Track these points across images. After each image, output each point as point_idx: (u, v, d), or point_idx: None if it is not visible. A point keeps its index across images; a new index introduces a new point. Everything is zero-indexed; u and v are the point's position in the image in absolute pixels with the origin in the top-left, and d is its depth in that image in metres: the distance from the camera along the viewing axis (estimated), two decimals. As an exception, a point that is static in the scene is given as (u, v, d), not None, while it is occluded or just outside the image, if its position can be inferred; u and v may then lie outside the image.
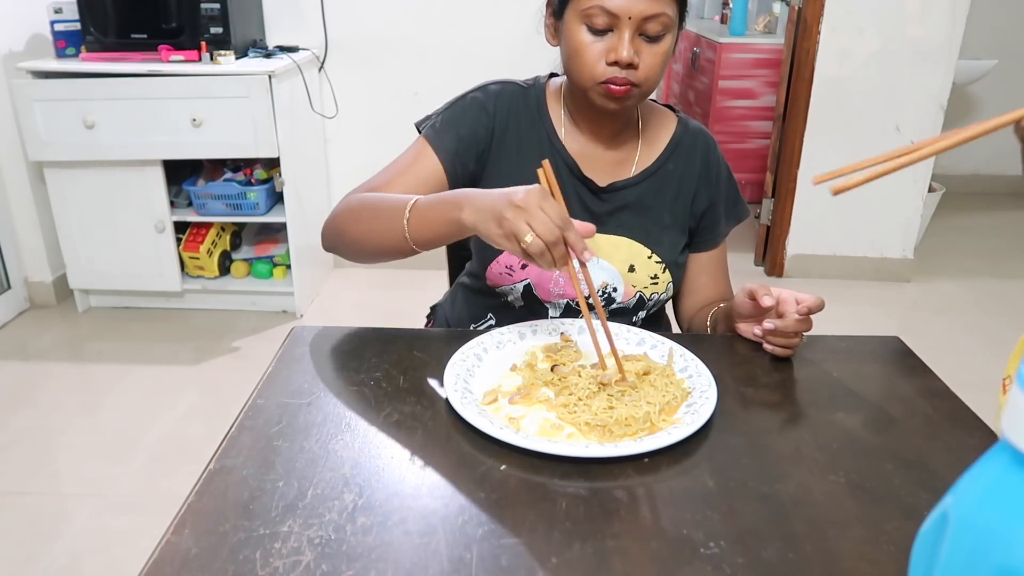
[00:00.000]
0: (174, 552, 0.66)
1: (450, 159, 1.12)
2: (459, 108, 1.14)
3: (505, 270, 1.15)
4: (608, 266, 1.15)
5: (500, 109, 1.14)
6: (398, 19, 2.96)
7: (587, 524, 0.70)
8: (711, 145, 1.21)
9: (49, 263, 2.86)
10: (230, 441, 0.81)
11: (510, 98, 1.15)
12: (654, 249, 1.16)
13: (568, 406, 0.86)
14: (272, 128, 2.52)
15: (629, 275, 1.15)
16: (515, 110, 1.15)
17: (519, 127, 1.15)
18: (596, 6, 1.00)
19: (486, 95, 1.15)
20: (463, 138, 1.13)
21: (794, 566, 0.66)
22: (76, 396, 2.38)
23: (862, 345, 1.07)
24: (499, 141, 1.14)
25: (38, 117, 2.50)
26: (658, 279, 1.16)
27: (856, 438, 0.85)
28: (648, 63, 1.03)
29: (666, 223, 1.18)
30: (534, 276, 1.14)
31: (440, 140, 1.13)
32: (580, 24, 1.02)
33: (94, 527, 1.79)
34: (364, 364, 0.97)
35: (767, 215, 3.32)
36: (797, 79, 3.07)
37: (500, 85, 1.17)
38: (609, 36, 1.02)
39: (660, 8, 1.00)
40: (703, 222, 1.21)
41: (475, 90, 1.16)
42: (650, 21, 1.00)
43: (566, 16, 1.05)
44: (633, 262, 1.15)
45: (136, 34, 2.57)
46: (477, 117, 1.13)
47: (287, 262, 2.83)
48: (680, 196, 1.18)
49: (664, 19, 1.01)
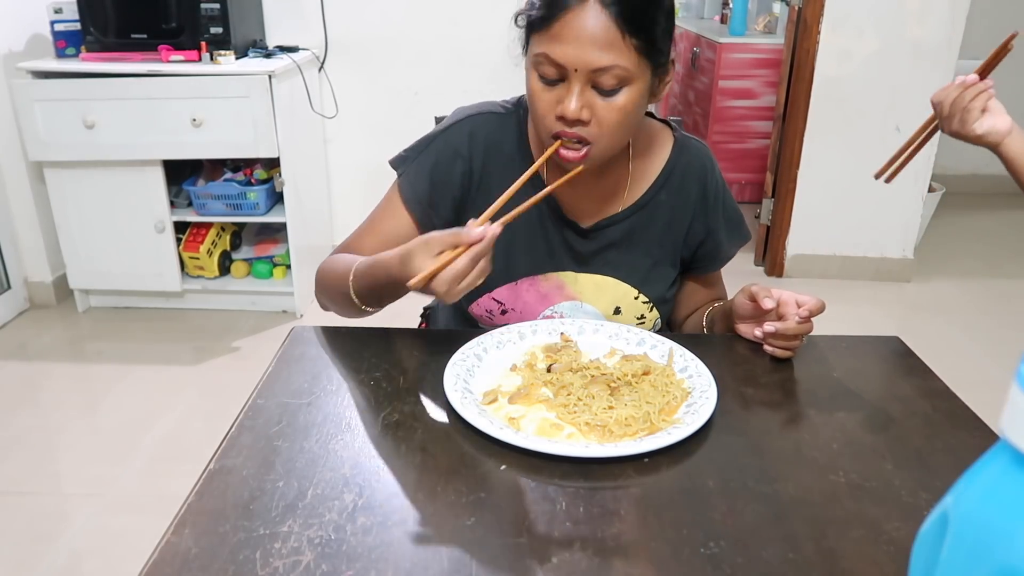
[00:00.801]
0: (174, 552, 0.66)
1: (423, 211, 1.08)
2: (432, 153, 1.08)
3: (485, 313, 1.12)
4: (592, 310, 1.11)
5: (476, 152, 1.07)
6: (398, 19, 2.96)
7: (587, 524, 0.70)
8: (708, 168, 1.12)
9: (49, 263, 2.86)
10: (230, 441, 0.81)
11: (485, 133, 1.08)
12: (641, 288, 1.11)
13: (568, 406, 0.86)
14: (272, 128, 2.52)
15: (614, 317, 1.11)
16: (492, 147, 1.08)
17: (497, 164, 1.08)
18: (543, 54, 0.92)
19: (459, 135, 1.08)
20: (436, 184, 1.08)
21: (794, 566, 0.66)
22: (76, 396, 2.38)
23: (862, 345, 1.07)
24: (477, 184, 1.08)
25: (38, 117, 2.50)
26: (645, 319, 1.13)
27: (856, 438, 0.85)
28: (602, 118, 0.93)
29: (655, 258, 1.12)
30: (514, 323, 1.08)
31: (413, 191, 1.08)
32: (533, 71, 0.95)
33: (94, 527, 1.79)
34: (364, 364, 0.97)
35: (767, 215, 3.32)
36: (797, 79, 3.07)
37: (471, 120, 1.09)
38: (560, 87, 0.94)
39: (611, 60, 0.90)
40: (702, 250, 1.16)
41: (447, 128, 1.09)
42: (601, 74, 0.91)
43: (526, 60, 0.99)
44: (619, 303, 1.11)
45: (136, 34, 2.57)
46: (451, 163, 1.07)
47: (287, 262, 2.83)
48: (672, 227, 1.12)
49: (618, 72, 0.91)
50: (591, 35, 0.89)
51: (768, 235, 3.33)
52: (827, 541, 0.68)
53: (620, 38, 0.90)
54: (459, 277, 0.84)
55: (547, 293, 1.11)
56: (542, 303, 1.11)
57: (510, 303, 1.11)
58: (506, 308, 1.11)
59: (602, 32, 0.89)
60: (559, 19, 0.90)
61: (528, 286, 1.11)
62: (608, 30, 0.89)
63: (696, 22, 4.77)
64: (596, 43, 0.90)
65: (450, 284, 0.84)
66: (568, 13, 0.90)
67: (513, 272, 1.10)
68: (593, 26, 0.89)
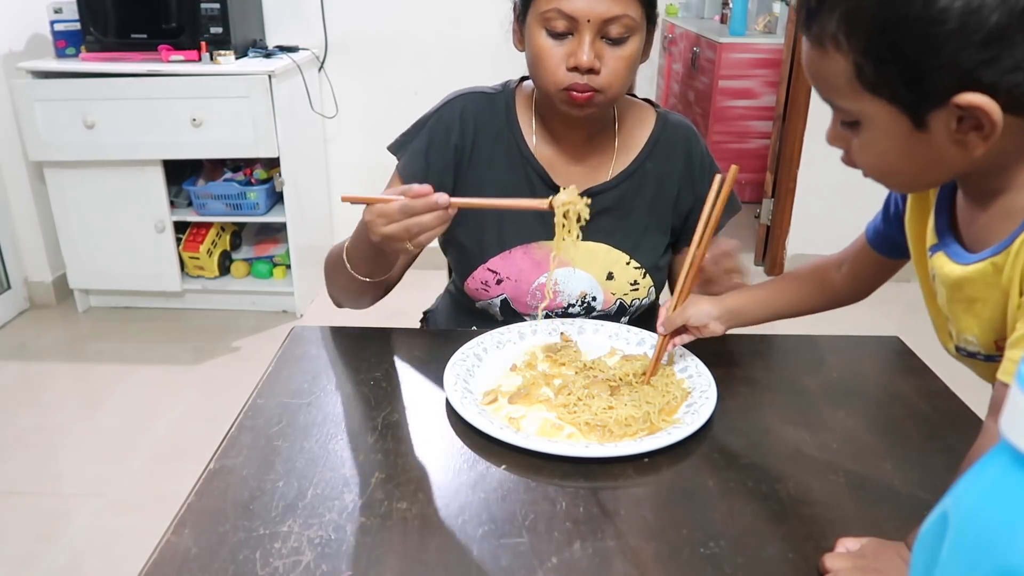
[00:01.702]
0: (174, 552, 0.66)
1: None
2: (426, 132, 1.12)
3: (481, 285, 1.13)
4: (585, 275, 1.12)
5: (466, 125, 1.11)
6: (398, 19, 2.96)
7: (587, 524, 0.70)
8: (692, 139, 1.16)
9: (49, 263, 2.86)
10: (230, 441, 0.81)
11: (475, 110, 1.12)
12: (633, 255, 1.13)
13: (568, 406, 0.86)
14: (272, 128, 2.52)
15: (608, 283, 1.13)
16: (482, 122, 1.12)
17: (487, 139, 1.12)
18: (553, 8, 0.96)
19: (451, 112, 1.12)
20: (432, 162, 1.11)
21: (794, 566, 0.66)
22: (76, 396, 2.38)
23: (862, 345, 1.07)
24: (468, 157, 1.12)
25: (38, 117, 2.50)
26: (638, 285, 1.14)
27: (856, 438, 0.85)
28: (611, 67, 0.98)
29: (646, 225, 1.14)
30: (510, 291, 1.12)
31: (410, 171, 1.11)
32: (540, 28, 0.99)
33: (94, 527, 1.79)
34: (364, 364, 0.97)
35: (767, 215, 3.31)
36: (797, 79, 3.07)
37: (463, 98, 1.13)
38: (569, 40, 0.98)
39: (621, 9, 0.96)
40: (693, 218, 1.15)
41: (439, 108, 1.13)
42: (611, 23, 0.96)
43: (528, 20, 1.02)
44: (611, 269, 1.13)
45: (136, 34, 2.57)
46: (444, 138, 1.11)
47: (287, 262, 2.83)
48: (661, 196, 1.15)
49: (627, 21, 0.97)
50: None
51: (768, 235, 3.33)
52: (827, 541, 0.68)
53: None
54: (384, 215, 0.87)
55: (540, 260, 1.12)
56: (536, 270, 1.12)
57: (504, 272, 1.12)
58: (501, 277, 1.12)
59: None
60: None
61: (522, 254, 1.12)
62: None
63: (696, 22, 4.77)
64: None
65: (374, 216, 0.88)
66: None
67: (506, 241, 1.12)
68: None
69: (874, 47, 0.61)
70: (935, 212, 0.77)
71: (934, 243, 0.76)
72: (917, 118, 0.63)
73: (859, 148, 0.69)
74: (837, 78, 0.65)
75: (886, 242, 0.89)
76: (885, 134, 0.65)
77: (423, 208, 0.86)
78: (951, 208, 0.76)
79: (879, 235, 0.89)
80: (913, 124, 0.63)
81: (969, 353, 0.78)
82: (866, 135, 0.67)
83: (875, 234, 0.90)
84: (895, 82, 0.62)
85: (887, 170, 0.70)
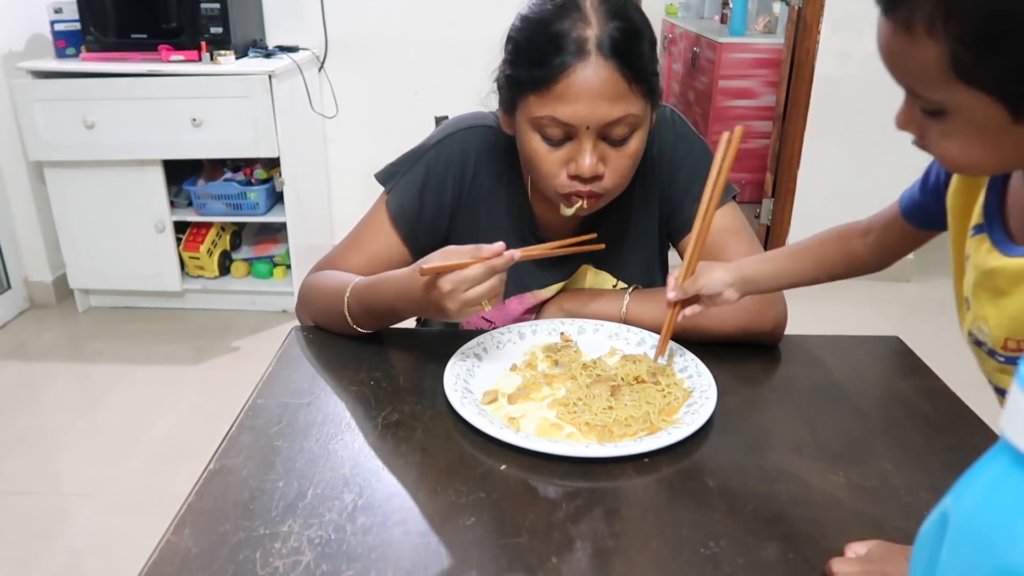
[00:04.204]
0: (174, 552, 0.66)
1: (410, 229, 1.05)
2: (422, 168, 1.04)
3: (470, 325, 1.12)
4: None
5: (467, 165, 1.05)
6: (398, 19, 2.96)
7: (587, 524, 0.70)
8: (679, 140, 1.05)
9: (49, 263, 2.86)
10: (230, 441, 0.81)
11: (477, 150, 1.05)
12: (619, 276, 1.10)
13: (568, 406, 0.86)
14: (272, 128, 2.52)
15: None
16: (482, 163, 1.05)
17: (487, 181, 1.06)
18: (548, 116, 0.87)
19: (451, 148, 1.04)
20: (427, 202, 1.04)
21: (794, 566, 0.66)
22: (76, 396, 2.38)
23: (862, 345, 1.07)
24: (466, 200, 1.06)
25: (38, 117, 2.50)
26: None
27: (856, 438, 0.85)
28: (615, 168, 0.91)
29: (633, 242, 1.09)
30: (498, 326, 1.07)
31: (401, 208, 1.04)
32: (533, 132, 0.90)
33: (94, 527, 1.79)
34: (364, 364, 0.97)
35: (767, 215, 3.31)
36: (797, 79, 3.07)
37: (464, 133, 1.05)
38: (568, 145, 0.90)
39: (623, 110, 0.87)
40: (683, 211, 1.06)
41: (438, 142, 1.05)
42: (614, 126, 0.88)
43: (517, 118, 0.93)
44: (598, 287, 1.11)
45: (136, 34, 2.57)
46: (443, 179, 1.04)
47: (287, 262, 2.83)
48: (646, 209, 1.09)
49: (630, 120, 0.88)
50: (600, 90, 0.86)
51: (768, 235, 3.33)
52: (827, 541, 0.68)
53: (627, 88, 0.87)
54: (468, 281, 0.83)
55: (531, 303, 1.12)
56: (526, 314, 1.12)
57: (497, 319, 1.11)
58: (492, 322, 1.11)
59: (611, 85, 0.86)
60: (561, 79, 0.86)
61: (517, 303, 1.11)
62: (616, 82, 0.86)
63: (696, 22, 4.77)
64: (606, 97, 0.86)
65: (456, 285, 0.83)
66: (571, 71, 0.86)
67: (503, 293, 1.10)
68: (601, 80, 0.86)
69: (978, 36, 0.55)
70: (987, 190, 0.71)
71: (979, 223, 0.72)
72: (1018, 111, 0.57)
73: (940, 136, 0.63)
74: (927, 65, 0.58)
75: (920, 212, 0.84)
76: (976, 126, 0.59)
77: (505, 267, 0.83)
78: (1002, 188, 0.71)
79: (914, 205, 0.84)
80: (1012, 117, 0.57)
81: (978, 341, 0.77)
82: (951, 124, 0.61)
83: (910, 203, 0.85)
84: (999, 74, 0.55)
85: (970, 161, 0.63)
